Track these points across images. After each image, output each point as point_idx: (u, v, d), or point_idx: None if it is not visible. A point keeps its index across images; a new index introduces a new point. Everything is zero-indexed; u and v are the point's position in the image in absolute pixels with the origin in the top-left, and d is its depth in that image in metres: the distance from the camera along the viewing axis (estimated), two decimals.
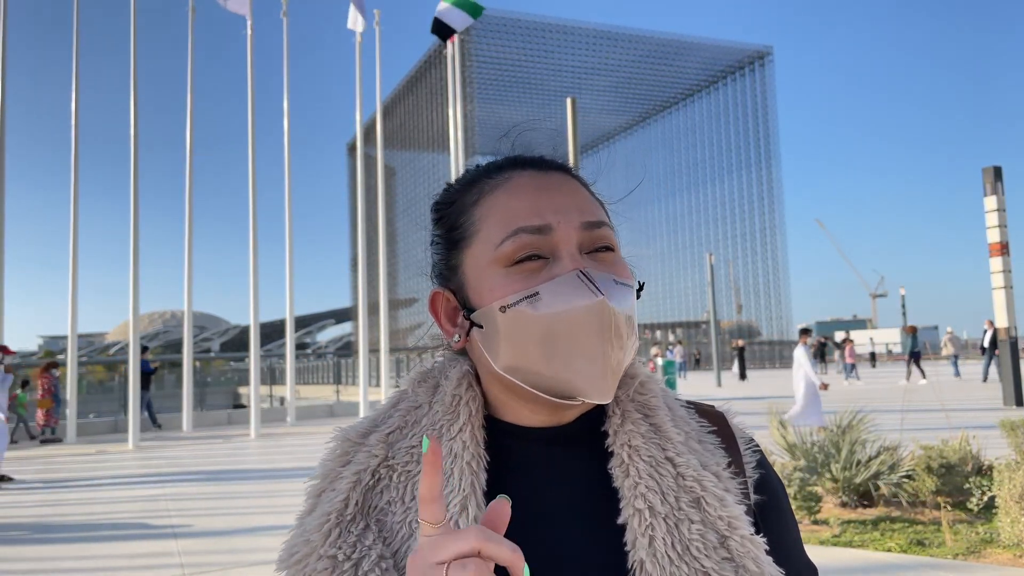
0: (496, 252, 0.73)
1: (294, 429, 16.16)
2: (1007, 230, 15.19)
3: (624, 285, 0.73)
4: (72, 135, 15.11)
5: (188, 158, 16.58)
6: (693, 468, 0.72)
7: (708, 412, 0.83)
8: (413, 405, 0.82)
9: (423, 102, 59.33)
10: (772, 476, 0.81)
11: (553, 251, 0.72)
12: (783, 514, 0.80)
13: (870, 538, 5.21)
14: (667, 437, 0.75)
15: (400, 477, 0.75)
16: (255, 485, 9.13)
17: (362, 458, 0.77)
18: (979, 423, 10.76)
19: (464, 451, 0.74)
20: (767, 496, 0.79)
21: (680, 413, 0.79)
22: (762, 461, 0.81)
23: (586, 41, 55.02)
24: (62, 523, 7.14)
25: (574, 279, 0.69)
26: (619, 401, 0.77)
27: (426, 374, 0.84)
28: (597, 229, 0.75)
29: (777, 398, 15.82)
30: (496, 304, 0.72)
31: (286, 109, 17.00)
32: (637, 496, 0.70)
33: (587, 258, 0.73)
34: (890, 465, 6.02)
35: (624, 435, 0.74)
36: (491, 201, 0.76)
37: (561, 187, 0.76)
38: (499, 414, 0.79)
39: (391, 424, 0.80)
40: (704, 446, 0.77)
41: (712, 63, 61.20)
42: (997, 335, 15.81)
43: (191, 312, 16.63)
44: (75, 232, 15.16)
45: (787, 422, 6.92)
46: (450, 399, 0.78)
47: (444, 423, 0.77)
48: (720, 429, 0.80)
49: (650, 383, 0.80)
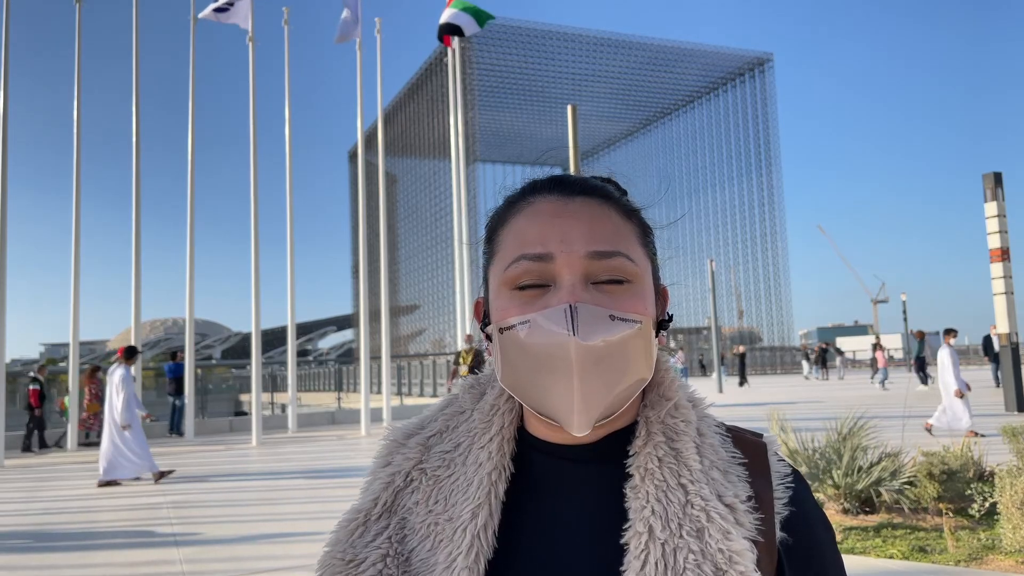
0: (504, 274, 0.75)
1: (296, 436, 16.15)
2: (1008, 236, 15.19)
3: (623, 320, 0.72)
4: (74, 142, 15.15)
5: (190, 165, 16.62)
6: (703, 497, 0.71)
7: (746, 441, 0.80)
8: (458, 411, 0.86)
9: (424, 109, 59.45)
10: (808, 516, 0.77)
11: (555, 279, 0.73)
12: (816, 558, 0.77)
13: (872, 545, 5.20)
14: (685, 463, 0.74)
15: (429, 481, 0.80)
16: (257, 492, 9.11)
17: (399, 460, 0.83)
18: (981, 429, 10.74)
19: (488, 461, 0.78)
20: (796, 536, 0.75)
21: (711, 440, 0.78)
22: (798, 498, 0.77)
23: (587, 48, 55.18)
24: (63, 531, 7.13)
25: (560, 313, 0.70)
26: (649, 422, 0.77)
27: (477, 381, 0.88)
28: (607, 259, 0.74)
29: (778, 404, 15.80)
30: (498, 324, 0.75)
31: (287, 116, 17.04)
32: (641, 519, 0.70)
33: (593, 289, 0.73)
34: (892, 471, 6.01)
35: (643, 457, 0.74)
36: (512, 223, 0.78)
37: (578, 213, 0.76)
38: (531, 428, 0.81)
39: (434, 428, 0.85)
40: (727, 476, 0.75)
41: (712, 70, 61.35)
42: (999, 341, 15.80)
43: (193, 319, 16.63)
44: (77, 239, 15.18)
45: (788, 427, 6.90)
46: (488, 408, 0.83)
47: (478, 431, 0.81)
48: (753, 461, 0.78)
49: (684, 407, 0.79)
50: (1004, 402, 14.98)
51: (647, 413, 0.78)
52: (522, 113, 60.42)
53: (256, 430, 15.08)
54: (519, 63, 54.55)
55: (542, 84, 56.77)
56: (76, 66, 15.23)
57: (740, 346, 33.97)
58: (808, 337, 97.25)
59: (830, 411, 10.38)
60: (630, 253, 0.76)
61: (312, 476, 10.11)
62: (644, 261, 0.78)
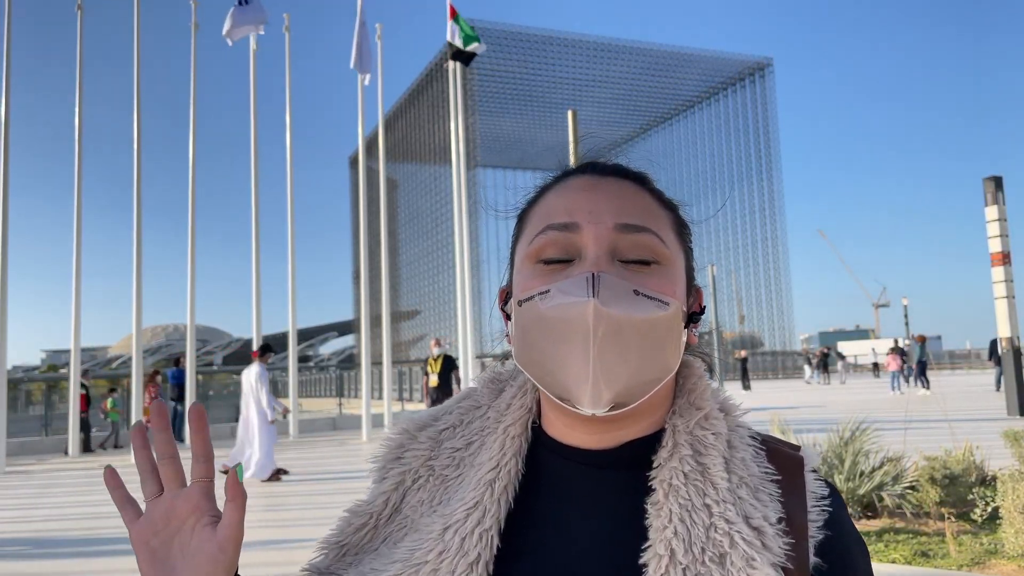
0: (529, 247, 0.73)
1: (297, 442, 16.13)
2: (1008, 240, 15.19)
3: (648, 298, 0.68)
4: (76, 149, 15.17)
5: (191, 171, 16.65)
6: (728, 520, 0.66)
7: (781, 455, 0.74)
8: (475, 405, 0.84)
9: (425, 115, 59.55)
10: (845, 540, 0.71)
11: (580, 252, 0.71)
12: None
13: (874, 550, 5.19)
14: (711, 481, 0.69)
15: (436, 480, 0.78)
16: (257, 499, 9.11)
17: (409, 457, 0.81)
18: (983, 433, 10.73)
19: (489, 461, 0.75)
20: (831, 561, 0.68)
21: (742, 455, 0.72)
22: (835, 521, 0.70)
23: (587, 54, 55.29)
24: (63, 537, 7.12)
25: (582, 280, 0.67)
26: (676, 431, 0.72)
27: (497, 376, 0.86)
28: (635, 233, 0.71)
29: (780, 408, 15.78)
30: (518, 297, 0.72)
31: (288, 122, 17.08)
32: (662, 540, 0.65)
33: (619, 266, 0.70)
34: (894, 476, 6.00)
35: (667, 471, 0.70)
36: (542, 201, 0.77)
37: (608, 189, 0.74)
38: (548, 427, 0.78)
39: (448, 421, 0.83)
40: (757, 495, 0.69)
41: (713, 75, 61.44)
42: (1000, 344, 15.78)
43: (194, 325, 16.64)
44: (78, 245, 15.19)
45: (788, 431, 6.89)
46: (504, 406, 0.81)
47: (489, 430, 0.79)
48: (788, 478, 0.71)
49: (715, 418, 0.74)
50: (1006, 406, 14.96)
51: (675, 421, 0.73)
52: (523, 118, 60.49)
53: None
54: (519, 68, 54.63)
55: (543, 89, 56.85)
56: (78, 73, 15.26)
57: (742, 351, 33.96)
58: (809, 341, 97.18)
59: (832, 415, 10.41)
60: (661, 234, 0.73)
61: (313, 481, 10.11)
62: (677, 249, 0.75)
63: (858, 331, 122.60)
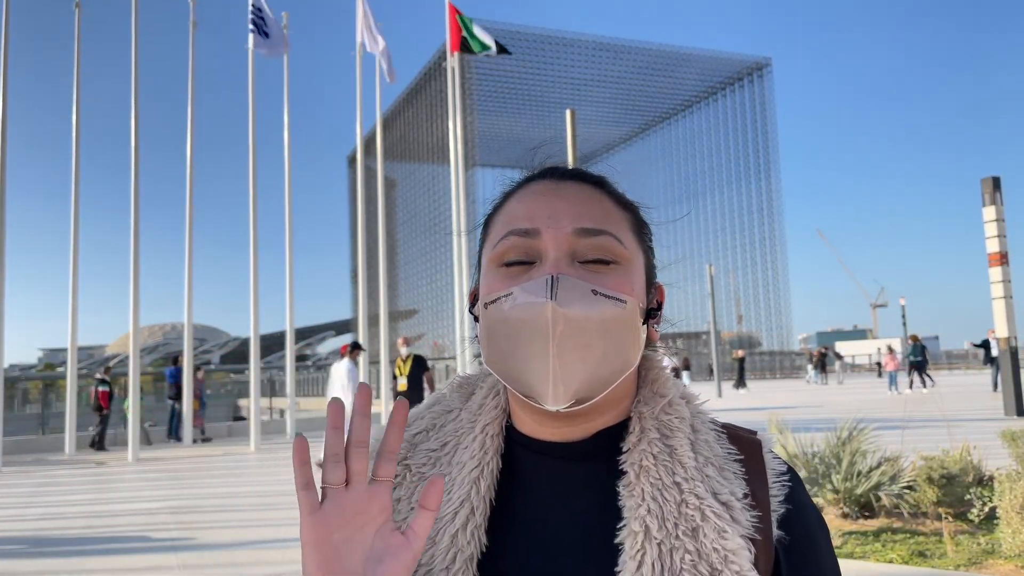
0: (494, 252, 0.76)
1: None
2: (1006, 240, 15.19)
3: (605, 297, 0.70)
4: (73, 148, 15.14)
5: (188, 169, 16.62)
6: (698, 496, 0.70)
7: (741, 439, 0.79)
8: (446, 409, 0.85)
9: (423, 114, 59.55)
10: (805, 514, 0.76)
11: (541, 255, 0.73)
12: (813, 556, 0.75)
13: (871, 549, 5.19)
14: (680, 461, 0.72)
15: (414, 477, 0.80)
16: (255, 498, 9.10)
17: None
18: (980, 433, 10.74)
19: (471, 460, 0.77)
20: (794, 535, 0.73)
21: (705, 436, 0.76)
22: (794, 496, 0.75)
23: (585, 53, 55.33)
24: (61, 537, 7.11)
25: (541, 283, 0.69)
26: (642, 418, 0.76)
27: (466, 379, 0.88)
28: (594, 237, 0.74)
29: (778, 408, 15.79)
30: (483, 300, 0.75)
31: (286, 121, 17.05)
32: (636, 518, 0.69)
33: (579, 267, 0.73)
34: (891, 476, 6.01)
35: (637, 454, 0.73)
36: (505, 206, 0.80)
37: (568, 193, 0.77)
38: (519, 424, 0.80)
39: (420, 425, 0.84)
40: (723, 473, 0.73)
41: (711, 74, 61.50)
42: (997, 345, 15.81)
43: (191, 324, 16.63)
44: (76, 244, 15.16)
45: (787, 431, 6.89)
46: (476, 407, 0.82)
47: (464, 431, 0.81)
48: (749, 458, 0.76)
49: (678, 404, 0.77)
50: (1003, 406, 14.98)
51: (640, 409, 0.77)
52: (521, 118, 60.52)
53: (255, 435, 15.06)
54: (518, 68, 54.66)
55: (541, 89, 56.90)
56: (75, 72, 15.23)
57: (739, 351, 34.05)
58: (807, 342, 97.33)
59: (829, 415, 10.42)
60: (619, 235, 0.75)
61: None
62: (636, 249, 0.77)
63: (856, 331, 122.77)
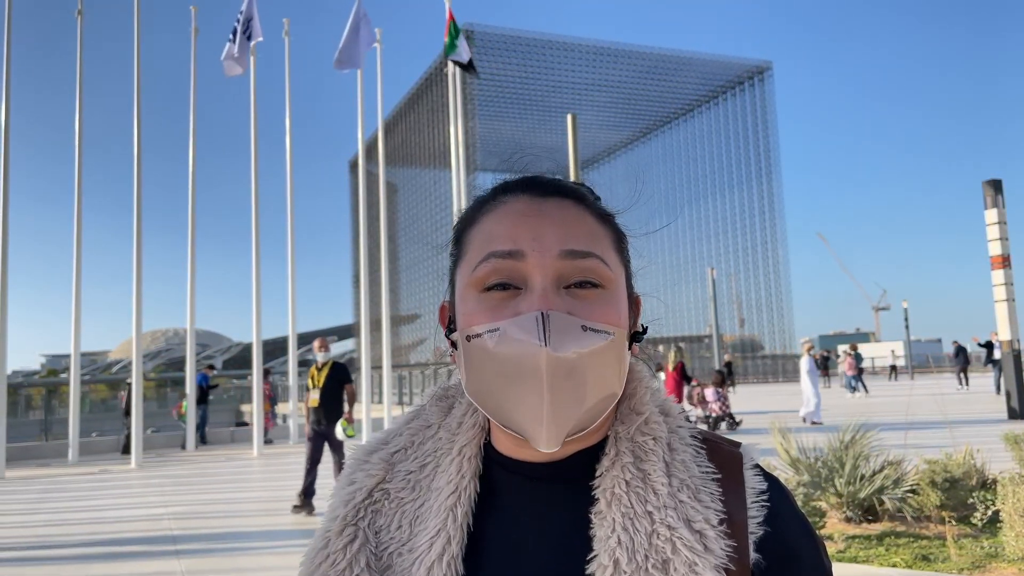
0: (472, 275, 0.71)
1: (296, 447, 16.11)
2: (1008, 243, 15.19)
3: (595, 331, 0.68)
4: (76, 154, 15.17)
5: (191, 175, 16.66)
6: (669, 526, 0.67)
7: (722, 453, 0.75)
8: (424, 424, 0.83)
9: (424, 119, 59.61)
10: (788, 534, 0.71)
11: (525, 280, 0.70)
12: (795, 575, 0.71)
13: (875, 553, 5.19)
14: (652, 488, 0.70)
15: (392, 504, 0.77)
16: (258, 503, 9.11)
17: (360, 477, 0.79)
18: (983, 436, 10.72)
19: (447, 485, 0.75)
20: (773, 559, 0.69)
21: (682, 456, 0.73)
22: (775, 515, 0.71)
23: (586, 57, 55.39)
24: (64, 541, 7.12)
25: (531, 321, 0.66)
26: (618, 439, 0.73)
27: (445, 392, 0.85)
28: (580, 260, 0.70)
29: (780, 412, 15.77)
30: (465, 332, 0.71)
31: (288, 127, 17.09)
32: (606, 551, 0.67)
33: (564, 293, 0.70)
34: (894, 479, 6.00)
35: (610, 479, 0.71)
36: (482, 223, 0.75)
37: (551, 213, 0.72)
38: (496, 443, 0.77)
39: (398, 443, 0.81)
40: (698, 496, 0.70)
41: (712, 78, 61.53)
42: (1000, 348, 15.78)
43: (194, 330, 16.64)
44: (78, 250, 15.19)
45: (788, 435, 6.88)
46: (455, 426, 0.80)
47: (443, 451, 0.78)
48: (727, 476, 0.72)
49: (655, 422, 0.75)
50: (1006, 409, 14.95)
51: (616, 428, 0.74)
52: (522, 122, 60.53)
53: (257, 441, 15.06)
54: (519, 72, 54.68)
55: (542, 93, 56.89)
56: (78, 78, 15.27)
57: (727, 355, 34.40)
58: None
59: (832, 419, 10.39)
60: (605, 257, 0.72)
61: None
62: (619, 267, 0.75)
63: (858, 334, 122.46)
